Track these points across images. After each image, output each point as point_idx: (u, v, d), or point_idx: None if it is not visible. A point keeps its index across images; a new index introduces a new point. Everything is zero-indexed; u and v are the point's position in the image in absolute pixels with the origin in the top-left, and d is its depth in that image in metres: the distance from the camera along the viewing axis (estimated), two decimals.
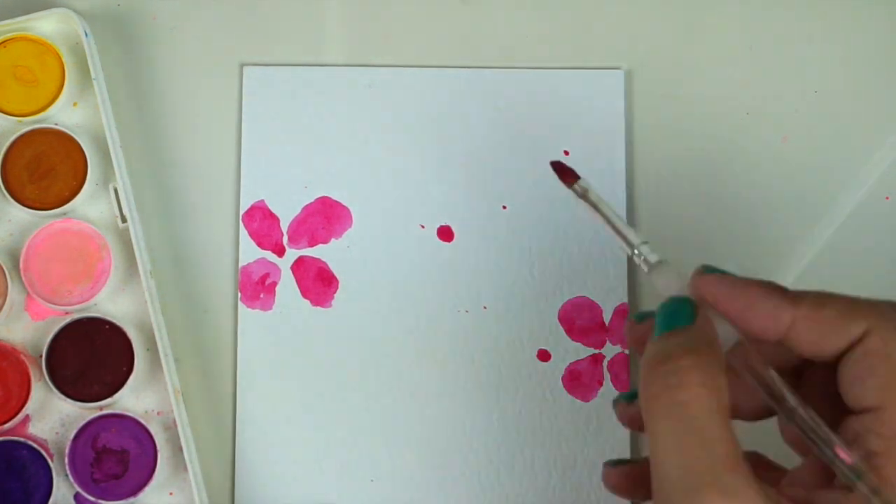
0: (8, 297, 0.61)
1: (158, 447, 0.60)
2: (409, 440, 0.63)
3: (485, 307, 0.64)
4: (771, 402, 0.45)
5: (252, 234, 0.64)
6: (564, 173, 0.52)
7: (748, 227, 0.64)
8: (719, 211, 0.65)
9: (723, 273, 0.47)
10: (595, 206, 0.50)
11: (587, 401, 0.63)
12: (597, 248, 0.64)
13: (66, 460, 0.60)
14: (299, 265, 0.64)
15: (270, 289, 0.64)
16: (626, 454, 0.62)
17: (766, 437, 0.49)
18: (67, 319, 0.61)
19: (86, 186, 0.61)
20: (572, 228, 0.64)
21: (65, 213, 0.62)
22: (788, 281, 0.64)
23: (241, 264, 0.64)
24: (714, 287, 0.46)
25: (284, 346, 0.63)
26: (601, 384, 0.63)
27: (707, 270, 0.47)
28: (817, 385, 0.47)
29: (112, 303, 0.62)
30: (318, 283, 0.64)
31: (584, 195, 0.51)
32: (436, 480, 0.62)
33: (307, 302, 0.64)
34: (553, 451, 0.62)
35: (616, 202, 0.64)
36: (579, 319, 0.63)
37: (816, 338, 0.45)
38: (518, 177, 0.64)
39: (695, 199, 0.65)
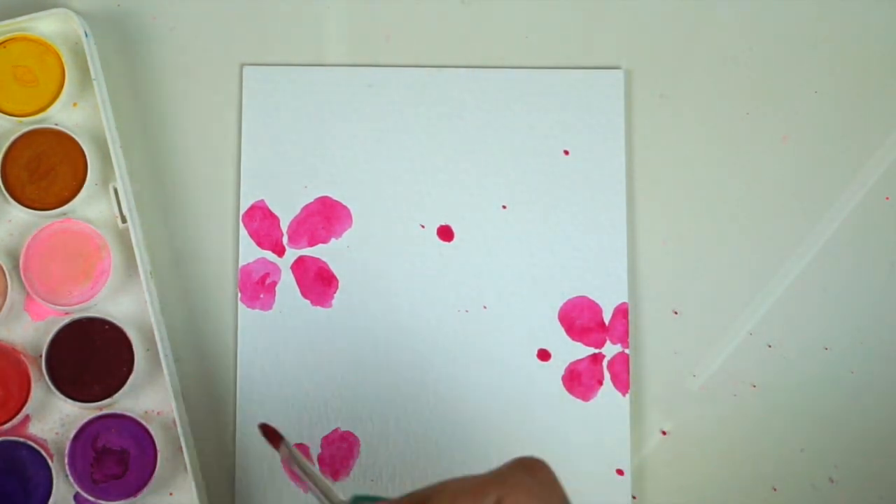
0: (8, 297, 0.61)
1: (158, 447, 0.60)
2: (409, 440, 0.63)
3: (485, 307, 0.64)
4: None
5: (252, 234, 0.64)
6: (270, 437, 0.55)
7: (748, 227, 0.64)
8: (719, 211, 0.65)
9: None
10: (299, 466, 0.53)
11: (587, 400, 0.63)
12: (597, 248, 0.64)
13: (66, 460, 0.60)
14: (299, 265, 0.64)
15: (270, 289, 0.64)
16: (626, 453, 0.62)
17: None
18: (67, 319, 0.61)
19: (86, 186, 0.61)
20: (572, 228, 0.64)
21: (65, 213, 0.62)
22: (788, 280, 0.64)
23: (241, 264, 0.64)
24: None
25: (284, 346, 0.63)
26: (601, 383, 0.63)
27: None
28: None
29: (112, 303, 0.62)
30: (318, 283, 0.64)
31: (287, 456, 0.54)
32: (436, 480, 0.62)
33: (307, 302, 0.63)
34: (553, 450, 0.62)
35: (616, 202, 0.64)
36: (579, 319, 0.63)
37: None
38: (518, 177, 0.64)
39: (695, 199, 0.65)
